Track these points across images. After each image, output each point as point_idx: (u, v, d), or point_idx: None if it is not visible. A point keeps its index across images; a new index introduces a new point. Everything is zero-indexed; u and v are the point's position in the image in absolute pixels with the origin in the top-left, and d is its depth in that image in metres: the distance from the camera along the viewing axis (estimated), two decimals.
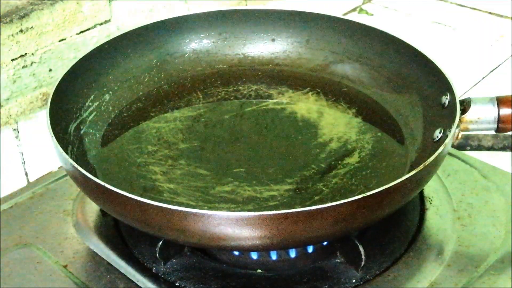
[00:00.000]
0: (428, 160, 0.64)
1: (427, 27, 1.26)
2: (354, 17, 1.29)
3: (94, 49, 0.82)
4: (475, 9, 1.32)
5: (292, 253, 0.71)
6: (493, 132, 0.73)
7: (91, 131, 0.79)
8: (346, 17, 0.90)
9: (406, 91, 0.82)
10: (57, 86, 0.75)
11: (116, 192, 0.62)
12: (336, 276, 0.69)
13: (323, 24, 0.89)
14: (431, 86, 0.78)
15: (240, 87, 0.89)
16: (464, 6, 1.33)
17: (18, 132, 0.87)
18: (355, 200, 0.60)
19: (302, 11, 0.90)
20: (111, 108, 0.83)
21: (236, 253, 0.71)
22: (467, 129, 0.72)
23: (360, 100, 0.85)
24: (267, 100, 0.87)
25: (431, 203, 0.78)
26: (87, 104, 0.80)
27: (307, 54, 0.91)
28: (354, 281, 0.68)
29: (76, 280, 0.70)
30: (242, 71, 0.91)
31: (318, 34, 0.90)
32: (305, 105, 0.85)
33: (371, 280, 0.69)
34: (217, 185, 0.73)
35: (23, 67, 0.85)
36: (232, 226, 0.60)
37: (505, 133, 0.74)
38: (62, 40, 0.88)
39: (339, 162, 0.76)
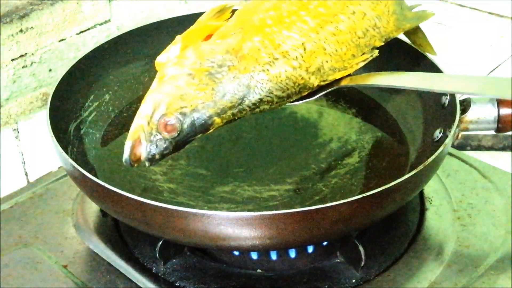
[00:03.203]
0: (428, 160, 0.64)
1: (427, 27, 1.26)
2: None
3: (94, 49, 0.82)
4: (475, 9, 1.32)
5: (292, 253, 0.71)
6: (493, 132, 0.73)
7: (91, 131, 0.79)
8: None
9: (406, 91, 0.82)
10: (57, 86, 0.75)
11: (116, 192, 0.62)
12: (336, 276, 0.69)
13: None
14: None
15: None
16: (464, 6, 1.33)
17: (18, 132, 0.87)
18: (355, 200, 0.60)
19: None
20: (111, 108, 0.83)
21: (236, 253, 0.71)
22: (467, 129, 0.72)
23: (360, 100, 0.85)
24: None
25: (431, 203, 0.78)
26: (87, 104, 0.80)
27: None
28: (354, 281, 0.68)
29: (76, 280, 0.70)
30: None
31: None
32: (305, 105, 0.85)
33: (371, 280, 0.69)
34: (217, 185, 0.73)
35: (23, 67, 0.85)
36: (232, 226, 0.60)
37: (505, 133, 0.74)
38: (62, 40, 0.88)
39: (339, 162, 0.76)
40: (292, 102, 0.65)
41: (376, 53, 0.68)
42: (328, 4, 0.66)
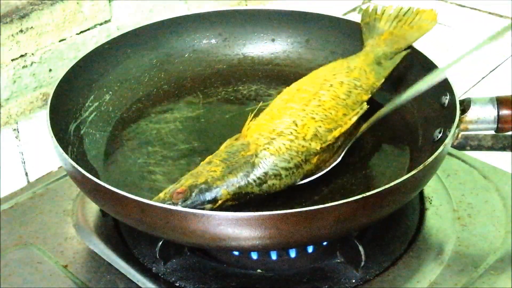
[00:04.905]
0: (428, 160, 0.64)
1: None
2: (354, 17, 1.29)
3: (94, 49, 0.82)
4: (475, 9, 1.32)
5: (292, 253, 0.71)
6: (493, 132, 0.73)
7: (91, 131, 0.79)
8: (346, 17, 0.90)
9: (406, 91, 0.82)
10: (57, 86, 0.75)
11: (116, 192, 0.62)
12: (336, 276, 0.69)
13: (323, 24, 0.89)
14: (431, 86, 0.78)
15: (240, 87, 0.88)
16: (464, 6, 1.33)
17: (18, 132, 0.87)
18: (355, 200, 0.60)
19: (302, 11, 0.90)
20: (111, 108, 0.83)
21: (236, 253, 0.71)
22: (467, 129, 0.72)
23: None
24: (267, 100, 0.86)
25: (431, 203, 0.78)
26: (87, 104, 0.80)
27: (307, 54, 0.91)
28: (354, 281, 0.68)
29: (76, 280, 0.70)
30: (242, 71, 0.91)
31: (318, 34, 0.90)
32: None
33: (371, 280, 0.69)
34: None
35: (23, 67, 0.85)
36: (232, 226, 0.60)
37: (505, 133, 0.74)
38: (62, 40, 0.88)
39: (339, 162, 0.75)
40: (313, 175, 0.71)
41: (365, 106, 0.75)
42: (308, 89, 0.75)
